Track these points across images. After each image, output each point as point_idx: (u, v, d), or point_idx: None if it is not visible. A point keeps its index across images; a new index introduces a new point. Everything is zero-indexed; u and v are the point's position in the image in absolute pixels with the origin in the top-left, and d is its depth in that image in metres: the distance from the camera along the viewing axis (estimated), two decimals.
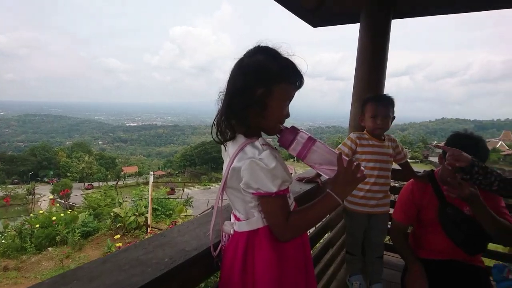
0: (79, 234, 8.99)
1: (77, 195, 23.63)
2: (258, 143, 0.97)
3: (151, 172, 11.21)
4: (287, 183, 0.96)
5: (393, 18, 2.43)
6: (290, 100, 1.03)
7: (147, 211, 10.12)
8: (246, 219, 1.02)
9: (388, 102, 2.01)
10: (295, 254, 1.06)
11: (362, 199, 2.06)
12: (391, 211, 2.04)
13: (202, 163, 63.58)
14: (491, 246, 1.83)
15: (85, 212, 10.88)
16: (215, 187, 41.11)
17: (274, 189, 0.92)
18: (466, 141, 1.65)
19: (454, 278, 1.72)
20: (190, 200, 13.33)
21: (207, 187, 42.88)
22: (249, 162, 0.92)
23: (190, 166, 64.46)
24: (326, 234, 2.22)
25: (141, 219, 9.93)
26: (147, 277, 0.80)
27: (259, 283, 0.97)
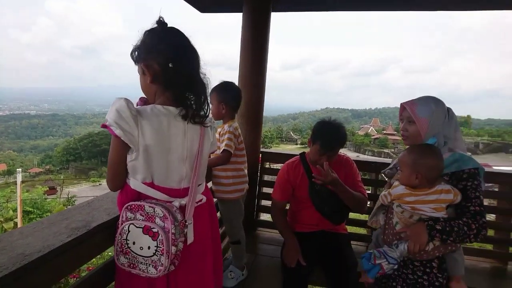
0: None
1: None
2: None
3: (19, 170, 9.46)
4: None
5: (273, 11, 2.51)
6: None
7: (17, 215, 8.57)
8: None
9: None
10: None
11: (231, 186, 1.98)
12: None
13: (90, 157, 56.85)
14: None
15: None
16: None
17: None
18: (328, 126, 1.90)
19: (323, 245, 1.97)
20: (73, 199, 11.84)
21: (97, 183, 38.62)
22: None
23: (75, 161, 56.93)
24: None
25: (8, 225, 8.36)
26: None
27: None
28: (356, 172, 2.05)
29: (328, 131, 1.87)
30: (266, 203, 2.65)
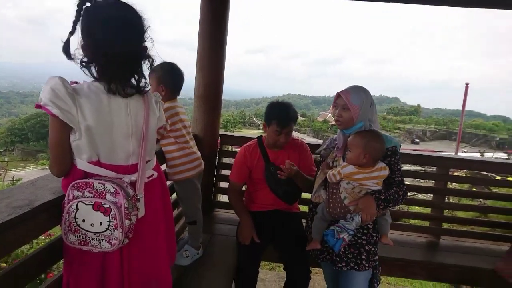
0: None
1: None
2: None
3: None
4: None
5: None
6: None
7: None
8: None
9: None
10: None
11: (179, 166, 1.91)
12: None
13: (38, 138, 52.71)
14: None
15: None
16: None
17: None
18: (280, 106, 2.02)
19: (277, 223, 2.08)
20: (19, 183, 11.01)
21: (47, 166, 35.99)
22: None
23: (22, 142, 52.51)
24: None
25: None
26: None
27: None
28: (310, 156, 2.18)
29: (281, 110, 2.00)
30: (225, 185, 2.69)
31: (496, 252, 2.28)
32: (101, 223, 0.97)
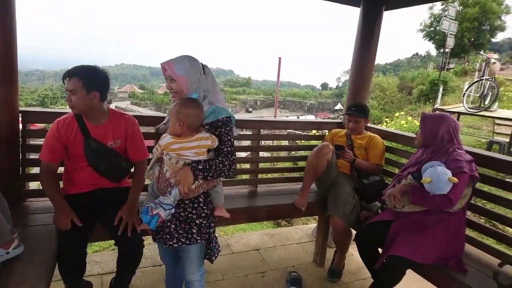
0: None
1: None
2: None
3: None
4: None
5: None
6: None
7: None
8: None
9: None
10: None
11: None
12: None
13: None
14: None
15: None
16: None
17: None
18: (98, 73, 1.89)
19: (103, 202, 1.96)
20: None
21: None
22: None
23: None
24: None
25: None
26: None
27: None
28: (139, 133, 2.09)
29: (101, 75, 1.88)
30: (37, 170, 2.32)
31: (296, 190, 2.93)
32: None
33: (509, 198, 2.10)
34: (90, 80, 1.81)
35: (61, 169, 2.06)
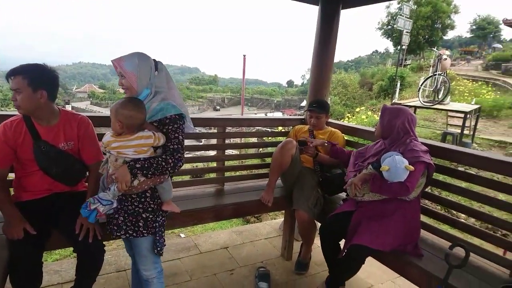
0: None
1: None
2: None
3: None
4: None
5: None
6: None
7: None
8: None
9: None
10: None
11: None
12: None
13: None
14: None
15: None
16: None
17: None
18: (47, 71, 1.80)
19: (58, 207, 1.87)
20: None
21: None
22: None
23: None
24: None
25: None
26: None
27: None
28: (93, 135, 2.00)
29: (48, 73, 1.79)
30: None
31: (263, 187, 2.94)
32: None
33: (461, 186, 2.26)
34: (36, 78, 1.71)
35: (11, 175, 1.93)
